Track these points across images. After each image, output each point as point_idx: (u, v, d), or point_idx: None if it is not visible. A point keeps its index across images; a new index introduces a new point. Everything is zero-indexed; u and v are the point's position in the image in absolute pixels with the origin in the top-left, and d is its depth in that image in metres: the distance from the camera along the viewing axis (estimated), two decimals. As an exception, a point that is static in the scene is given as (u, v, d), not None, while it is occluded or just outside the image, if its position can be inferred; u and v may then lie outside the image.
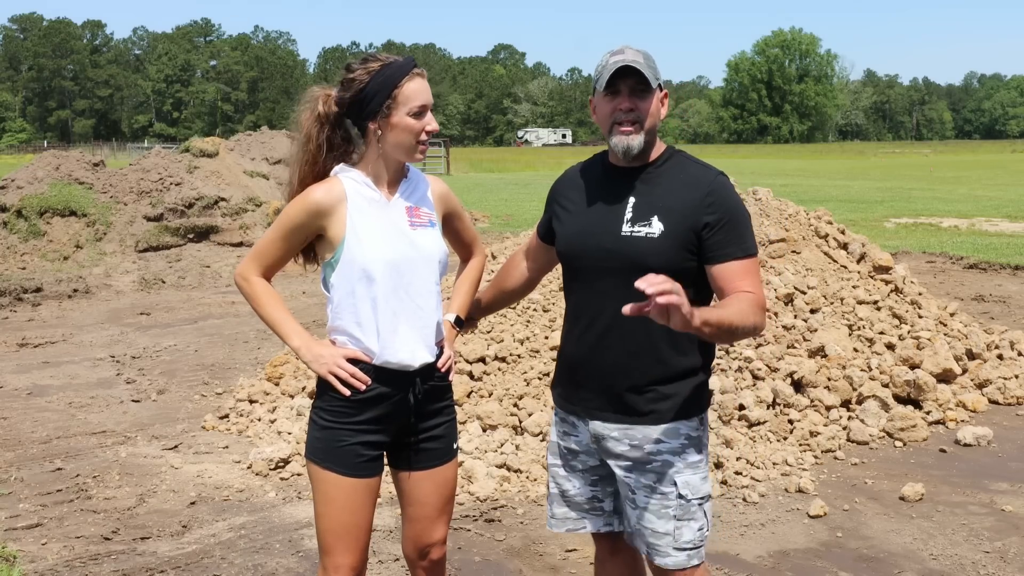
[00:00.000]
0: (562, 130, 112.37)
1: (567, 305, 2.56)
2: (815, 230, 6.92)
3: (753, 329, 2.26)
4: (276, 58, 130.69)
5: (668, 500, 2.38)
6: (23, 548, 4.02)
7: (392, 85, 2.37)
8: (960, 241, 14.46)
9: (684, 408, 2.40)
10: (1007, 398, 5.86)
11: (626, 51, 2.33)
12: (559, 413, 2.58)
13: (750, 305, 2.24)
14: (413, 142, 2.43)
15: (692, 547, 2.40)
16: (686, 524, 2.39)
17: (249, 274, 2.54)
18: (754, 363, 5.52)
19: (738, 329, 2.20)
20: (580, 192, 2.49)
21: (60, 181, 14.37)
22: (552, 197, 2.60)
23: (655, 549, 2.41)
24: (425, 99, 2.41)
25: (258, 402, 5.91)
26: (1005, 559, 3.80)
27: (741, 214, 2.34)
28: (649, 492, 2.39)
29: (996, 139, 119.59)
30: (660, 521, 2.39)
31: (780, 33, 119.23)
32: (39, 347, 8.21)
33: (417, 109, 2.40)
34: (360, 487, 2.46)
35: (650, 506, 2.39)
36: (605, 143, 2.46)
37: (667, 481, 2.38)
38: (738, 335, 2.24)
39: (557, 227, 2.53)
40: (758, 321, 2.26)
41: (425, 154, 2.49)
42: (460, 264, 2.88)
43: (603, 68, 2.33)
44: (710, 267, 2.32)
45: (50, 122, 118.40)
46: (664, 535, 2.39)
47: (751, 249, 2.33)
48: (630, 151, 2.34)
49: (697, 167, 2.40)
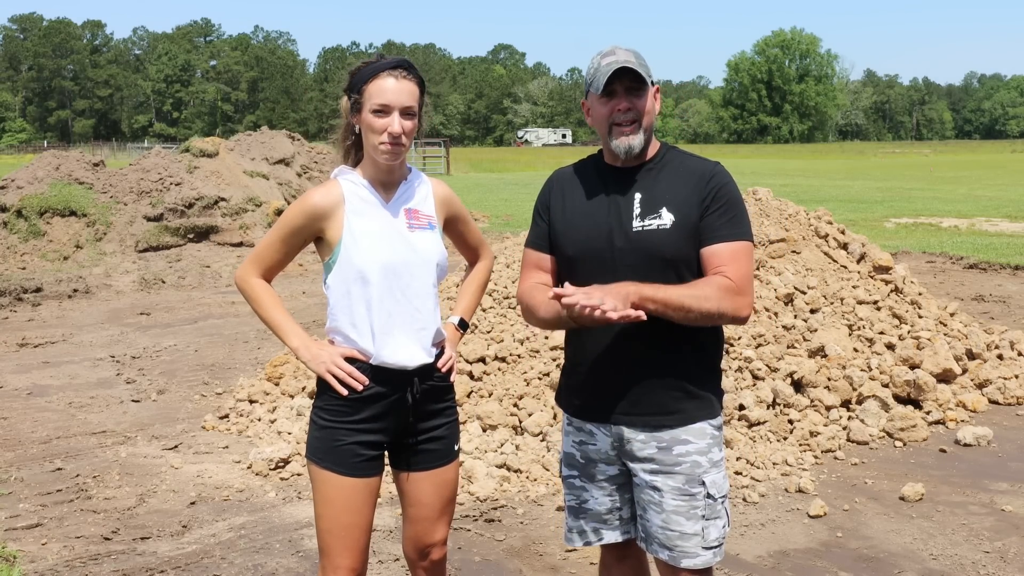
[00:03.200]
0: (562, 130, 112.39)
1: None
2: (815, 230, 6.92)
3: (718, 314, 2.25)
4: (276, 58, 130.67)
5: (696, 501, 2.37)
6: (23, 548, 4.02)
7: (363, 81, 2.40)
8: (960, 241, 14.47)
9: (709, 406, 2.40)
10: (1007, 398, 5.86)
11: (617, 51, 2.33)
12: (573, 423, 2.53)
13: (716, 288, 2.24)
14: (375, 142, 2.40)
15: (717, 544, 2.41)
16: (712, 523, 2.39)
17: (249, 276, 2.55)
18: (754, 363, 5.53)
19: (693, 311, 2.21)
20: (578, 195, 2.46)
21: (60, 181, 14.38)
22: (542, 205, 2.52)
23: (682, 551, 2.38)
24: (388, 99, 2.36)
25: (258, 402, 5.91)
26: (1005, 559, 3.80)
27: (737, 200, 2.37)
28: (677, 494, 2.37)
29: (996, 139, 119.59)
30: (689, 523, 2.37)
31: (780, 33, 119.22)
32: (39, 347, 8.21)
33: (376, 107, 2.37)
34: (359, 487, 2.46)
35: (679, 508, 2.37)
36: (603, 144, 2.45)
37: (695, 482, 2.37)
38: (699, 317, 2.24)
39: (560, 233, 2.45)
40: (725, 306, 2.25)
41: (392, 157, 2.41)
42: (467, 267, 2.88)
43: (596, 71, 2.32)
44: (702, 248, 2.33)
45: (50, 122, 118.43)
46: (692, 536, 2.37)
47: (743, 235, 2.34)
48: (632, 151, 2.34)
49: (694, 160, 2.44)
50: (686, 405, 2.37)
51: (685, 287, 2.25)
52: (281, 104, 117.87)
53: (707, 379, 2.41)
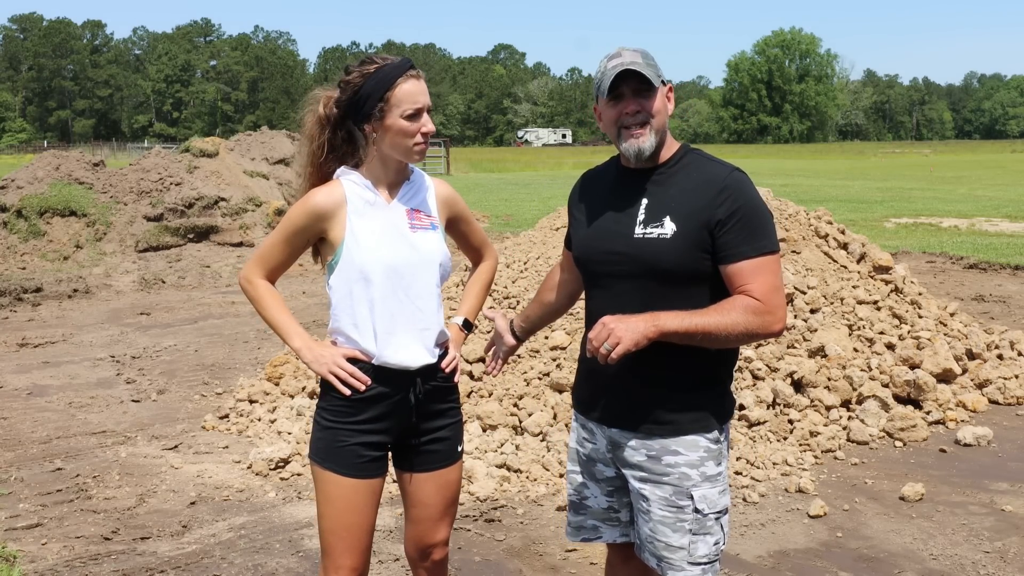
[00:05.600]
0: (562, 130, 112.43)
1: (586, 311, 2.51)
2: (815, 230, 6.92)
3: (748, 335, 2.19)
4: (276, 58, 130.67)
5: (684, 514, 2.31)
6: (23, 548, 4.02)
7: (385, 88, 2.36)
8: (960, 241, 14.47)
9: (704, 419, 2.33)
10: (1007, 398, 5.86)
11: (623, 53, 2.29)
12: (579, 419, 2.54)
13: (742, 310, 2.17)
14: (409, 144, 2.41)
15: (707, 561, 2.35)
16: (701, 539, 2.33)
17: (253, 276, 2.55)
18: (754, 363, 5.53)
19: (722, 336, 2.16)
20: (594, 197, 2.46)
21: (60, 181, 14.38)
22: (569, 205, 2.58)
23: (669, 563, 2.35)
24: (419, 101, 2.39)
25: (258, 402, 5.91)
26: (1005, 559, 3.80)
27: (757, 210, 2.25)
28: (664, 504, 2.32)
29: (996, 139, 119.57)
30: (675, 535, 2.32)
31: (780, 33, 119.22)
32: (39, 347, 8.21)
33: (411, 112, 2.38)
34: (361, 488, 2.46)
35: (665, 519, 2.33)
36: (606, 142, 2.45)
37: (683, 494, 2.31)
38: (727, 341, 2.18)
39: (573, 233, 2.51)
40: (754, 326, 2.18)
41: (424, 155, 2.47)
42: (471, 267, 2.88)
43: (603, 75, 2.29)
44: (723, 267, 2.24)
45: (50, 122, 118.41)
46: (679, 549, 2.33)
47: (767, 247, 2.23)
48: (642, 154, 2.29)
49: (712, 165, 2.33)
50: (679, 416, 2.32)
51: (710, 312, 2.18)
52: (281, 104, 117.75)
53: (705, 391, 2.34)
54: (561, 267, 2.75)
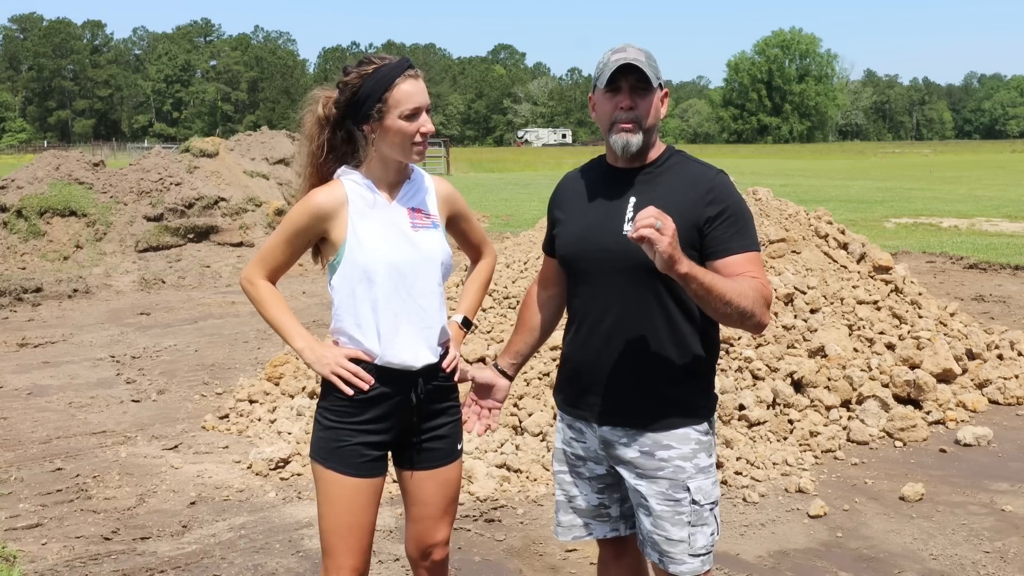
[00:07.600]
0: (562, 130, 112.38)
1: (570, 309, 2.53)
2: (815, 230, 6.92)
3: (751, 315, 2.18)
4: (276, 58, 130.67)
5: (682, 506, 2.35)
6: (23, 548, 4.02)
7: (383, 88, 2.36)
8: (960, 241, 14.47)
9: (694, 411, 2.37)
10: (1007, 398, 5.86)
11: (628, 49, 2.32)
12: (564, 419, 2.55)
13: (754, 290, 2.20)
14: (408, 144, 2.41)
15: (705, 552, 2.39)
16: (699, 530, 2.37)
17: (255, 277, 2.55)
18: (754, 363, 5.53)
19: (732, 305, 2.14)
20: (579, 195, 2.47)
21: (60, 181, 14.37)
22: (550, 208, 2.57)
23: (670, 557, 2.37)
24: (418, 101, 2.38)
25: (258, 402, 5.91)
26: (1005, 559, 3.80)
27: (743, 211, 2.31)
28: (662, 499, 2.35)
29: (996, 139, 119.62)
30: (675, 528, 2.35)
31: (780, 33, 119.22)
32: (39, 347, 8.21)
33: (409, 112, 2.37)
34: (362, 487, 2.46)
35: (664, 513, 2.35)
36: (604, 144, 2.45)
37: (680, 487, 2.35)
38: (731, 315, 2.16)
39: (558, 233, 2.50)
40: (759, 311, 2.20)
41: (423, 155, 2.47)
42: (468, 266, 2.88)
43: (604, 65, 2.31)
44: (712, 262, 2.26)
45: (50, 122, 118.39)
46: (679, 542, 2.36)
47: (752, 246, 2.30)
48: (628, 148, 2.32)
49: (698, 166, 2.38)
50: (669, 410, 2.35)
51: (729, 280, 2.18)
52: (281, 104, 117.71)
53: (693, 384, 2.38)
54: (542, 283, 2.68)
